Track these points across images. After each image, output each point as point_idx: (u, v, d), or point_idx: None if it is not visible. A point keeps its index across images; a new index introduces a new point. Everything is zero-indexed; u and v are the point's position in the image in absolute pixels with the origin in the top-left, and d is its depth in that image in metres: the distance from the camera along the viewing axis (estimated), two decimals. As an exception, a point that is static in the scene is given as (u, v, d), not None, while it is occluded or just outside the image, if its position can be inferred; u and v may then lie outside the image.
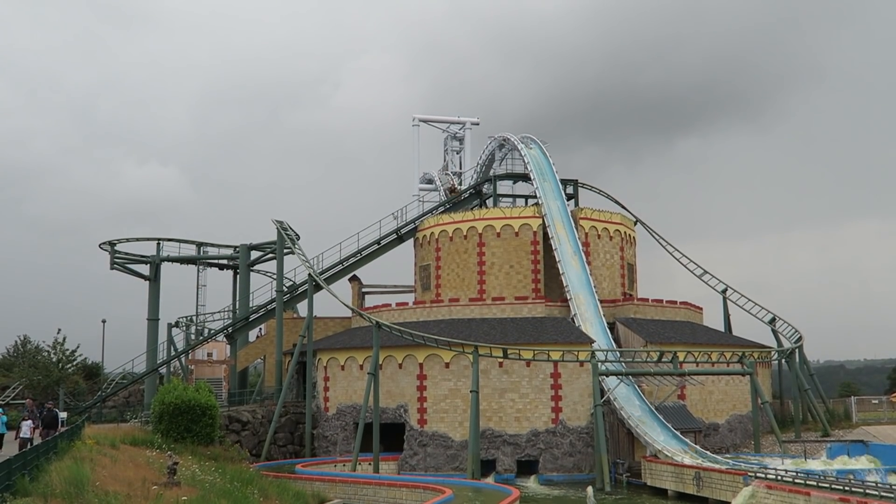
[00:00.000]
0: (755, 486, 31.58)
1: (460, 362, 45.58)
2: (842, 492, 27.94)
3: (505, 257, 54.51)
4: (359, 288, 63.32)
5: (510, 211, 56.28)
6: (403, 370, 47.21)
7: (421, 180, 74.00)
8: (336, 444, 48.83)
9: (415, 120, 74.74)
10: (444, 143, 76.43)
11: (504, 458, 44.75)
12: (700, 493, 35.18)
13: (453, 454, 45.07)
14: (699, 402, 48.09)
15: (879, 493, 26.99)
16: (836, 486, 28.47)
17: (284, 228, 54.35)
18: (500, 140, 64.65)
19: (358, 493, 35.60)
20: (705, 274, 60.02)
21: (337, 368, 50.14)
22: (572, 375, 45.54)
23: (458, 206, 60.78)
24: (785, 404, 56.04)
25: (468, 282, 54.85)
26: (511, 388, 45.59)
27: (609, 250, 56.41)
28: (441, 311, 51.02)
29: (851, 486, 28.24)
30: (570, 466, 44.45)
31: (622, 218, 58.69)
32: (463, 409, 45.08)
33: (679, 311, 54.40)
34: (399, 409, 46.91)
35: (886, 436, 44.32)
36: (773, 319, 57.08)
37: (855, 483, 28.73)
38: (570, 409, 45.35)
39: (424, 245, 58.09)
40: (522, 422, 45.23)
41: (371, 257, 57.48)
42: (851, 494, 27.42)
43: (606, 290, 54.66)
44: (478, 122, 75.62)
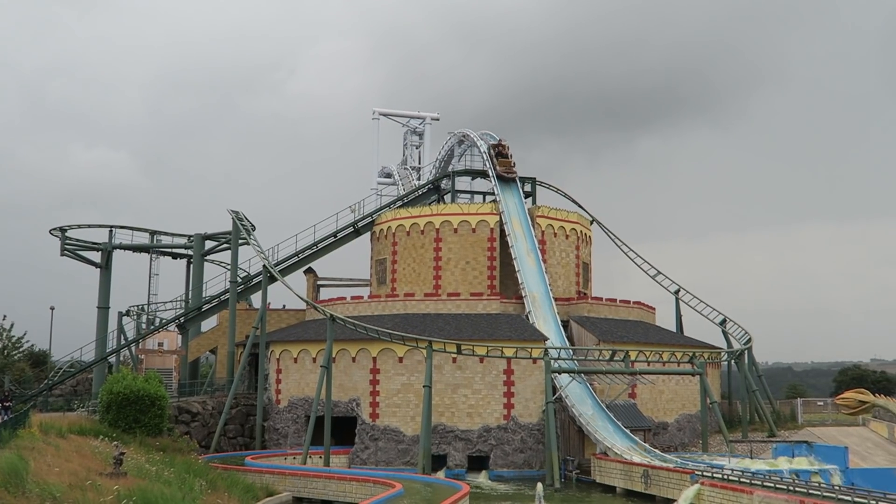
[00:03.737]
0: (701, 485, 32.02)
1: (414, 357, 45.56)
2: (785, 491, 28.45)
3: (461, 253, 54.59)
4: (314, 280, 62.99)
5: (468, 207, 56.37)
6: (357, 364, 47.08)
7: (379, 174, 73.79)
8: (287, 436, 48.55)
9: (374, 113, 74.54)
10: (403, 137, 76.31)
11: (455, 454, 44.84)
12: (648, 490, 35.58)
13: (405, 449, 45.07)
14: (649, 401, 48.62)
15: (822, 493, 27.53)
16: (780, 486, 28.99)
17: (240, 219, 53.88)
18: (460, 136, 64.72)
19: (308, 487, 35.46)
20: (659, 274, 60.66)
21: (290, 361, 49.85)
22: (525, 372, 45.77)
23: (416, 201, 60.71)
24: (733, 405, 56.86)
25: (424, 277, 54.84)
26: (464, 383, 45.68)
27: (565, 249, 56.75)
28: (396, 305, 50.96)
29: (795, 485, 28.77)
30: (520, 463, 44.69)
31: (579, 217, 59.08)
32: (415, 404, 45.08)
33: (632, 310, 54.92)
34: (351, 402, 46.78)
35: (831, 437, 45.17)
36: (724, 321, 57.86)
37: (798, 483, 29.28)
38: (522, 405, 45.58)
39: (381, 239, 57.95)
40: (474, 417, 45.36)
41: (327, 250, 57.24)
42: (794, 494, 27.94)
43: (561, 289, 55.00)
44: (438, 118, 75.66)
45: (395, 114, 75.69)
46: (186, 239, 60.95)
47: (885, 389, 73.20)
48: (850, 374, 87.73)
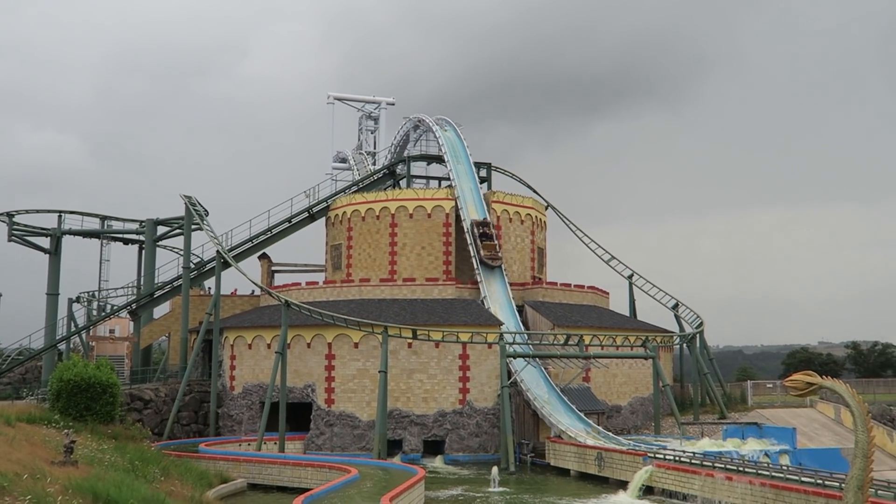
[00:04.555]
0: (653, 467, 32.51)
1: (369, 342, 45.51)
2: (733, 472, 29.01)
3: (417, 238, 54.56)
4: (268, 266, 62.55)
5: (423, 192, 56.30)
6: (312, 350, 46.90)
7: (335, 159, 73.44)
8: (241, 423, 48.27)
9: (329, 98, 74.10)
10: (358, 122, 75.97)
11: (411, 439, 44.95)
12: (601, 472, 36.00)
13: (360, 434, 45.06)
14: (603, 385, 49.15)
15: (770, 472, 28.14)
16: (730, 467, 29.55)
17: (193, 203, 53.23)
18: (415, 121, 64.58)
19: (262, 473, 35.29)
20: (613, 259, 61.20)
21: (244, 347, 49.50)
22: (480, 357, 45.97)
23: (372, 186, 60.49)
24: (685, 387, 57.70)
25: (379, 262, 54.74)
26: (420, 368, 45.76)
27: (520, 234, 56.98)
28: (351, 291, 50.83)
29: (744, 466, 29.36)
30: (475, 447, 44.93)
31: (534, 202, 59.33)
32: (371, 390, 45.07)
33: (586, 295, 55.38)
34: (306, 388, 46.62)
35: (779, 419, 46.11)
36: (677, 305, 58.59)
37: (747, 463, 29.87)
38: (477, 390, 45.79)
39: (336, 224, 57.69)
40: (430, 402, 45.48)
41: (282, 235, 56.83)
42: (742, 474, 28.50)
43: (516, 274, 55.25)
44: (393, 103, 75.45)
45: (350, 98, 75.31)
46: (138, 224, 60.02)
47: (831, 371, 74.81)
48: (798, 356, 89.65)
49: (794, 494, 25.97)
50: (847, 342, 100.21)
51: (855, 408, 9.46)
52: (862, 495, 9.15)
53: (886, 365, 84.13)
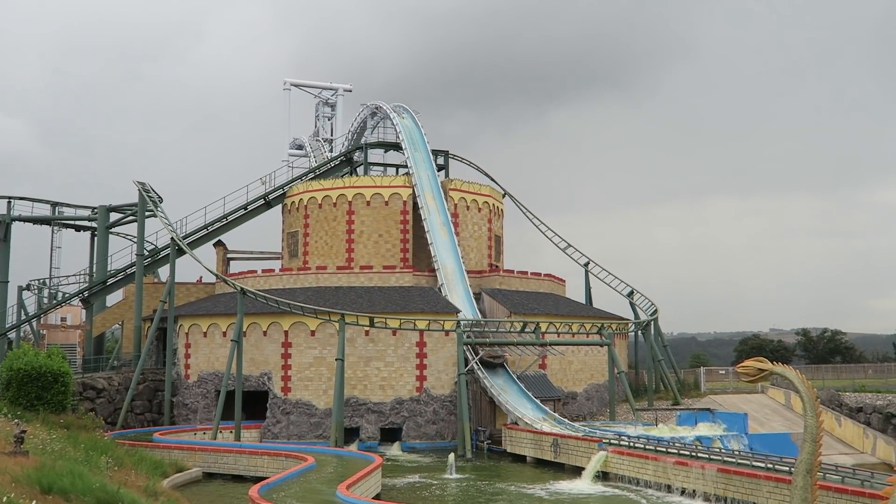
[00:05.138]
0: (608, 452, 32.87)
1: (326, 330, 45.34)
2: (686, 457, 29.46)
3: (374, 226, 54.41)
4: (224, 253, 61.97)
5: (381, 180, 56.12)
6: (268, 338, 46.61)
7: (291, 145, 72.95)
8: (197, 412, 47.86)
9: (286, 84, 73.54)
10: (315, 108, 75.52)
11: (368, 426, 44.93)
12: (557, 459, 36.31)
13: (317, 422, 44.94)
14: (559, 372, 49.53)
15: (722, 457, 28.62)
16: (682, 452, 29.99)
17: (146, 190, 52.51)
18: (373, 108, 64.32)
19: (218, 462, 35.07)
20: (569, 247, 61.58)
21: (199, 335, 49.02)
22: (437, 345, 46.05)
23: (329, 173, 60.16)
24: (640, 374, 58.38)
25: (336, 250, 54.51)
26: (377, 356, 45.72)
27: (477, 222, 57.09)
28: (308, 278, 50.58)
29: (696, 451, 29.83)
30: (432, 434, 45.05)
31: (491, 190, 59.46)
32: (328, 377, 44.94)
33: (543, 282, 55.71)
34: (263, 376, 46.34)
35: (731, 404, 46.85)
36: (632, 293, 59.16)
37: (699, 449, 30.35)
38: (434, 377, 45.88)
39: (293, 211, 57.30)
40: (387, 390, 45.48)
41: (237, 222, 56.31)
42: (695, 459, 28.94)
43: (474, 262, 55.38)
44: (350, 89, 75.11)
45: (307, 84, 74.82)
46: (90, 211, 59.09)
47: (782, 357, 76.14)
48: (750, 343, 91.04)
49: (746, 479, 26.46)
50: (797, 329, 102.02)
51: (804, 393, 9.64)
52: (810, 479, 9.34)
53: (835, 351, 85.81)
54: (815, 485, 9.43)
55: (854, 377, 56.37)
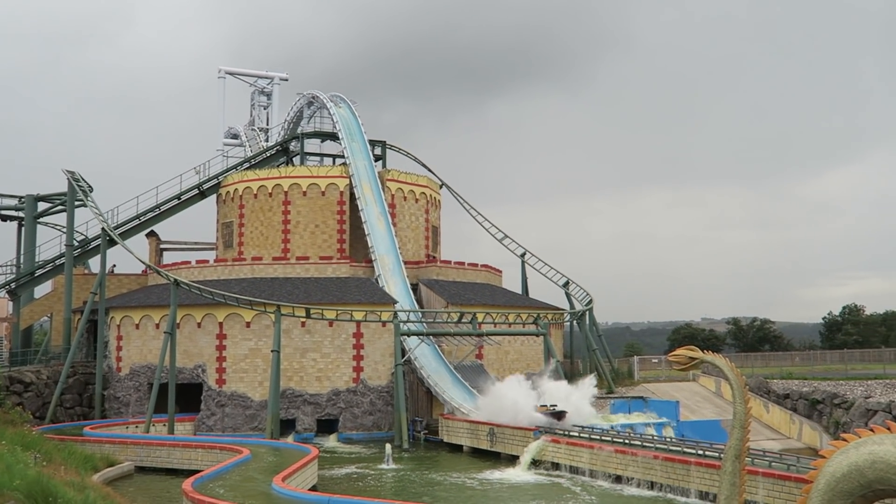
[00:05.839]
0: (544, 441, 33.23)
1: (262, 321, 44.93)
2: (619, 444, 29.95)
3: (310, 216, 54.02)
4: (157, 244, 60.92)
5: (317, 170, 55.74)
6: (202, 329, 45.99)
7: (226, 135, 71.98)
8: (129, 405, 47.03)
9: (220, 72, 72.46)
10: (251, 97, 74.57)
11: (304, 418, 44.68)
12: (493, 448, 36.58)
13: (252, 414, 44.53)
14: (496, 362, 49.84)
15: (655, 444, 29.15)
16: (616, 440, 30.48)
17: (76, 179, 51.30)
18: (309, 97, 63.78)
19: (151, 455, 34.55)
20: (506, 238, 61.94)
21: (131, 327, 48.14)
22: (374, 335, 45.97)
23: (264, 162, 59.52)
24: (575, 363, 59.04)
25: (272, 240, 54.00)
26: (313, 347, 45.46)
27: (415, 212, 57.08)
28: (243, 269, 50.02)
29: (629, 439, 30.34)
30: (369, 425, 44.99)
31: (428, 181, 59.48)
32: (263, 369, 44.55)
33: (480, 273, 55.98)
34: (197, 368, 45.73)
35: (664, 392, 47.72)
36: (567, 283, 59.79)
37: (632, 436, 30.87)
38: (371, 368, 45.81)
39: (228, 202, 56.57)
40: (324, 381, 45.27)
41: (171, 212, 55.39)
42: (628, 447, 29.44)
43: (411, 252, 55.38)
44: (286, 78, 74.33)
45: (242, 73, 73.84)
46: (17, 200, 57.53)
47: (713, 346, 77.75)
48: (682, 332, 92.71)
49: (678, 465, 27.00)
50: (728, 318, 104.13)
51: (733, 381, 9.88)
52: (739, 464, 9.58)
53: (764, 340, 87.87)
54: (743, 470, 9.67)
55: (782, 365, 57.87)
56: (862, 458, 7.91)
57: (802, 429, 41.10)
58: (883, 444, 7.83)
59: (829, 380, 45.45)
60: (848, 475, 7.98)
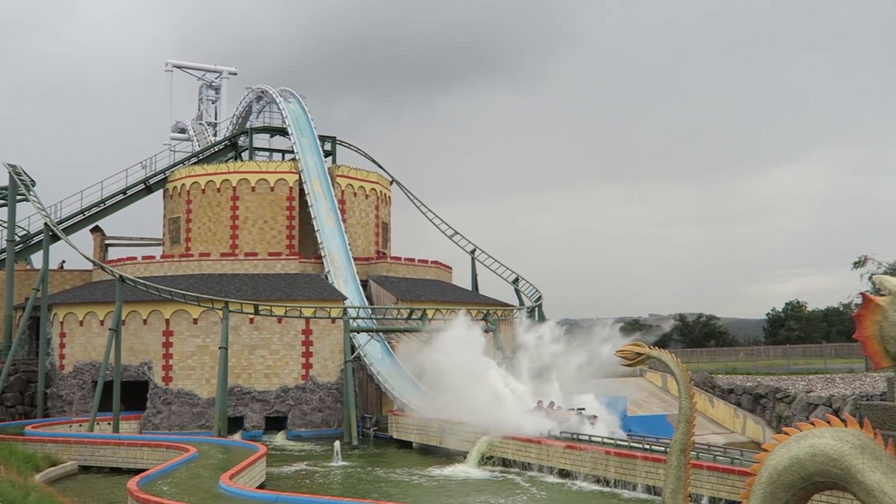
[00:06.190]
0: (493, 437, 33.34)
1: (209, 318, 44.44)
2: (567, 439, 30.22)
3: (259, 212, 53.56)
4: (101, 240, 59.87)
5: (266, 165, 55.29)
6: (148, 326, 45.35)
7: (173, 129, 71.05)
8: (72, 403, 46.20)
9: (168, 65, 71.51)
10: (199, 91, 73.69)
11: (252, 415, 44.32)
12: (443, 444, 36.61)
13: (200, 412, 44.04)
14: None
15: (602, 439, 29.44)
16: (564, 435, 30.74)
17: (17, 173, 50.17)
18: (258, 92, 63.19)
19: (95, 454, 33.98)
20: (456, 234, 62.02)
21: (75, 324, 47.29)
22: (324, 332, 45.76)
23: (212, 157, 58.84)
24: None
25: (220, 236, 53.43)
26: (262, 344, 45.11)
27: (365, 209, 56.90)
28: (191, 265, 49.43)
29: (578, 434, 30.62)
30: (318, 422, 44.78)
31: (378, 177, 59.33)
32: (211, 366, 44.08)
33: (430, 269, 55.99)
34: (143, 366, 45.09)
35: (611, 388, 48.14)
36: (517, 279, 60.05)
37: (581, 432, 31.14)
38: (320, 365, 45.60)
39: (175, 197, 55.82)
40: (272, 378, 44.94)
41: (116, 208, 54.52)
42: (577, 442, 29.71)
43: (361, 249, 55.20)
44: (235, 72, 73.64)
45: (190, 66, 72.93)
46: (-45, 194, 56.13)
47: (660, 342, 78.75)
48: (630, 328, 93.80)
49: (624, 459, 27.31)
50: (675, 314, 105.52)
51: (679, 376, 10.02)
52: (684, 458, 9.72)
53: (710, 336, 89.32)
54: (688, 464, 9.81)
55: (726, 360, 58.91)
56: (803, 451, 8.06)
57: (746, 423, 41.84)
58: (823, 438, 7.99)
59: (772, 375, 46.34)
60: (789, 468, 8.13)
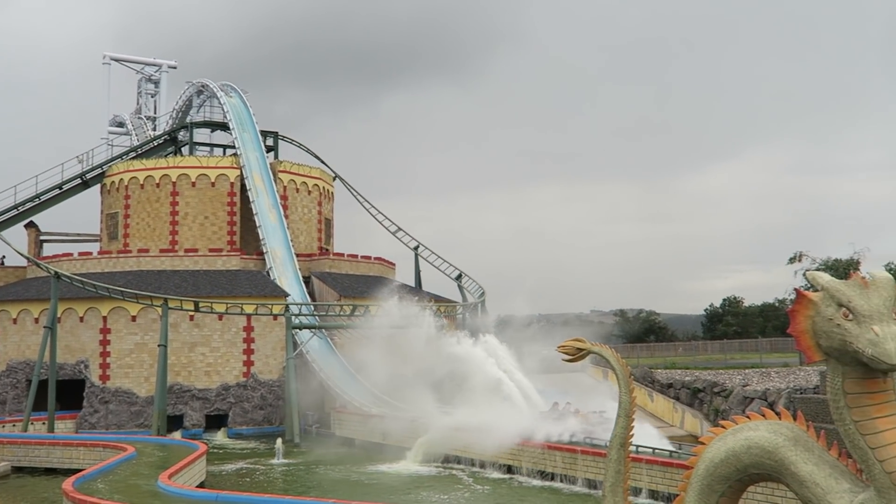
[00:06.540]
0: (435, 433, 33.35)
1: (148, 315, 43.75)
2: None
3: (200, 208, 52.82)
4: (36, 235, 58.46)
5: (207, 160, 54.56)
6: (85, 324, 44.47)
7: (111, 123, 69.61)
8: (6, 403, 45.10)
9: (105, 58, 70.02)
10: (137, 84, 72.30)
11: (192, 413, 43.74)
12: (385, 441, 36.55)
13: (138, 411, 43.33)
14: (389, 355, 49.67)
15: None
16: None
17: (-52, 167, 48.86)
18: (199, 86, 62.30)
19: (29, 455, 33.19)
20: (399, 231, 61.90)
21: (8, 322, 46.17)
22: (266, 329, 45.35)
23: (152, 152, 57.86)
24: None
25: (160, 232, 52.57)
26: (202, 341, 44.55)
27: (307, 205, 56.51)
28: (129, 261, 48.58)
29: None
30: (260, 420, 44.39)
31: (321, 172, 58.96)
32: (150, 364, 43.38)
33: (373, 266, 55.83)
34: (79, 364, 44.19)
35: (553, 383, 48.53)
36: (460, 276, 60.17)
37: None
38: (262, 362, 45.19)
39: (113, 192, 54.77)
40: (213, 376, 44.42)
41: (52, 203, 53.26)
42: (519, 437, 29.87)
43: (303, 245, 54.81)
44: (175, 66, 72.40)
45: (129, 59, 71.52)
46: None
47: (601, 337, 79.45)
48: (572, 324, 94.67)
49: (566, 454, 27.57)
50: (616, 310, 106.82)
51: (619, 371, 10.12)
52: (624, 452, 9.83)
53: (649, 331, 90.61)
54: (628, 457, 9.93)
55: (665, 355, 59.82)
56: (738, 443, 8.21)
57: (685, 417, 42.48)
58: (758, 430, 8.15)
59: (709, 369, 47.17)
60: (726, 460, 8.28)
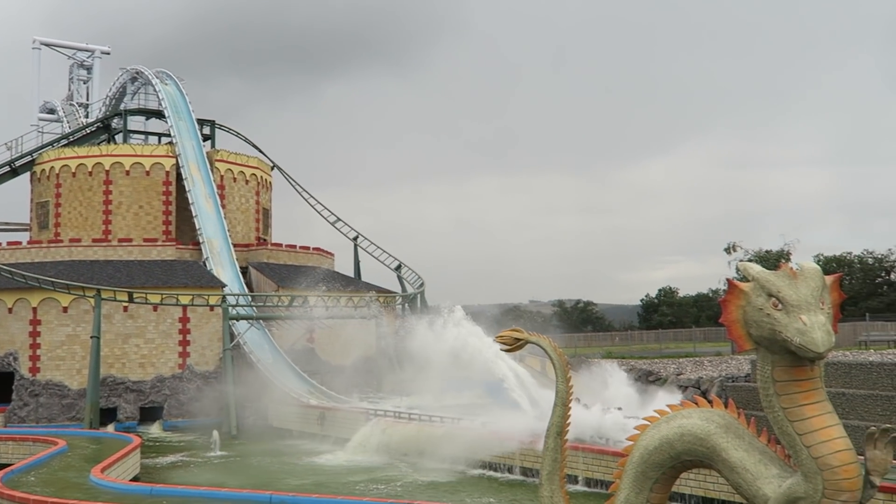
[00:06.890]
0: (375, 424, 33.37)
1: (80, 306, 42.83)
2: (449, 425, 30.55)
3: (134, 197, 51.83)
4: (-37, 224, 56.93)
5: (141, 148, 53.55)
6: (14, 315, 43.35)
7: (41, 109, 67.95)
8: (-70, 397, 43.85)
9: (35, 42, 68.26)
10: (69, 70, 70.67)
11: (126, 406, 43.01)
12: (324, 432, 36.41)
13: (70, 403, 42.44)
14: (328, 345, 49.54)
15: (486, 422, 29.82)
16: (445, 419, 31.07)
17: None
18: (133, 73, 61.06)
19: (-45, 450, 32.29)
20: (339, 221, 61.61)
21: (-67, 313, 44.79)
22: (202, 320, 44.77)
23: (84, 140, 56.58)
24: (407, 346, 59.50)
25: (92, 221, 51.47)
26: (136, 333, 43.80)
27: (245, 194, 55.85)
28: (60, 251, 47.50)
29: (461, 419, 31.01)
30: (196, 411, 43.78)
31: (259, 162, 58.32)
32: (82, 356, 42.50)
33: (311, 256, 55.46)
34: (7, 356, 43.09)
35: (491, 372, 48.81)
36: (399, 266, 60.14)
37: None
38: (198, 353, 44.61)
39: (43, 180, 53.43)
40: (147, 368, 43.72)
41: (-22, 191, 51.88)
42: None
43: (241, 235, 54.19)
44: (109, 52, 70.92)
45: (60, 44, 69.84)
46: None
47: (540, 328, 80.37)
48: (511, 314, 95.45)
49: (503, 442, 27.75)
50: (554, 301, 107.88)
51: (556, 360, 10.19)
52: (560, 440, 9.93)
53: (587, 321, 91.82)
54: (564, 446, 10.03)
55: (603, 345, 60.61)
56: (672, 431, 8.34)
57: (621, 405, 43.07)
58: (691, 418, 8.29)
59: (645, 358, 47.93)
60: (659, 448, 8.41)
